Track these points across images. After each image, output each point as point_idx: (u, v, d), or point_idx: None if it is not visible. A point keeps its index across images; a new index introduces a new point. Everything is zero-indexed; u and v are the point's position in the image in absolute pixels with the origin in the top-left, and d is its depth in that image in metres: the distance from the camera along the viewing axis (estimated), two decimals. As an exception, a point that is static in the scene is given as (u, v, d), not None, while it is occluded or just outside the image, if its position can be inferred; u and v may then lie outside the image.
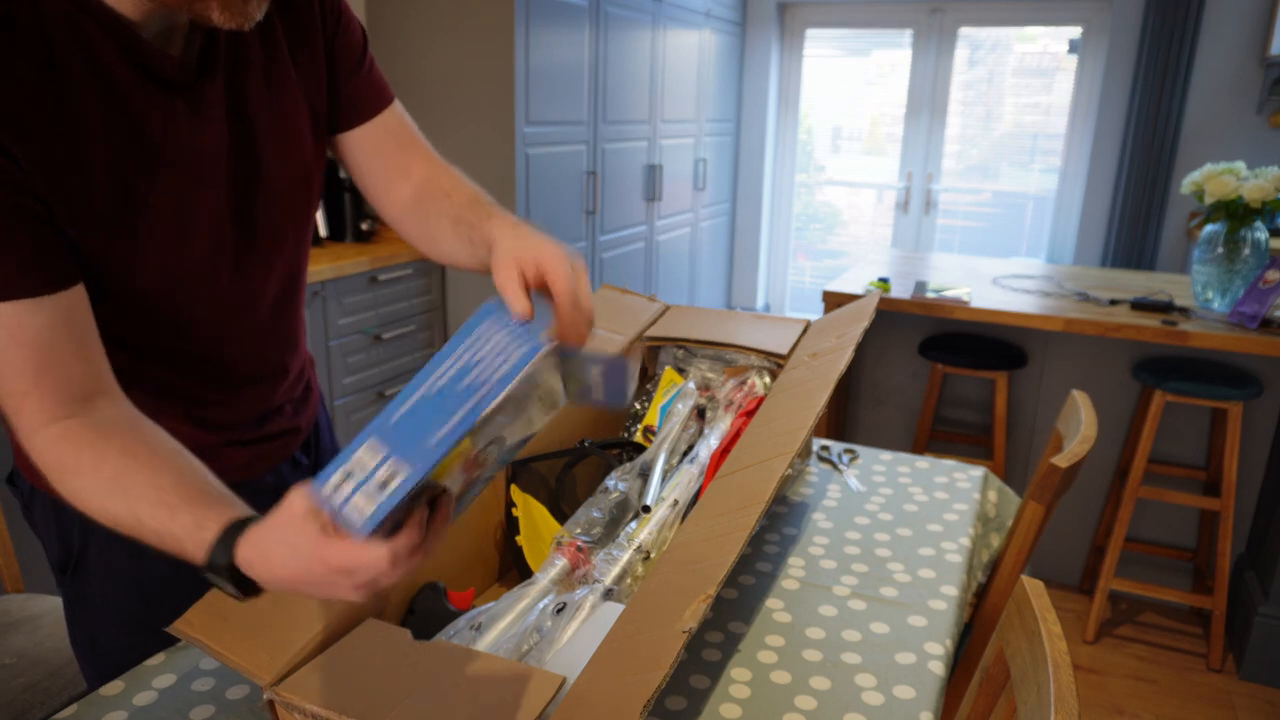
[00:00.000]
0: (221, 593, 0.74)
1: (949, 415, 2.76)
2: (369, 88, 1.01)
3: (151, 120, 0.80)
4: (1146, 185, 3.88)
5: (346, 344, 2.62)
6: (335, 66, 0.97)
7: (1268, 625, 2.27)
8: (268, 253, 0.95)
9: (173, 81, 0.81)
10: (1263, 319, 2.15)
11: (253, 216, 0.91)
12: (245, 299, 0.95)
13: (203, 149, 0.85)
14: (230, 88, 0.87)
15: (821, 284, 3.29)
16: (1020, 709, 0.78)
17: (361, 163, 1.02)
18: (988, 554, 1.35)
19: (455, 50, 2.87)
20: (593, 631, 0.82)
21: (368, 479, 0.58)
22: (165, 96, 0.81)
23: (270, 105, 0.90)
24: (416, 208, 1.00)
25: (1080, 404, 1.36)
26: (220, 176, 0.87)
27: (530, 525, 1.05)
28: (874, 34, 4.62)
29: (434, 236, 0.97)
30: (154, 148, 0.81)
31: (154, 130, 0.81)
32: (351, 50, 0.98)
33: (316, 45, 0.95)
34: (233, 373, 0.99)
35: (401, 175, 1.02)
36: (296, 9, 0.92)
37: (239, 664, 0.77)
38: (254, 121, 0.89)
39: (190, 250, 0.86)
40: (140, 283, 0.84)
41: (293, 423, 1.09)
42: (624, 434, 1.28)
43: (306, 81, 0.94)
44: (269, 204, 0.93)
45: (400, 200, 1.02)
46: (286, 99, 0.92)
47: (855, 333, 1.18)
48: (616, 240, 3.63)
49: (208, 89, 0.84)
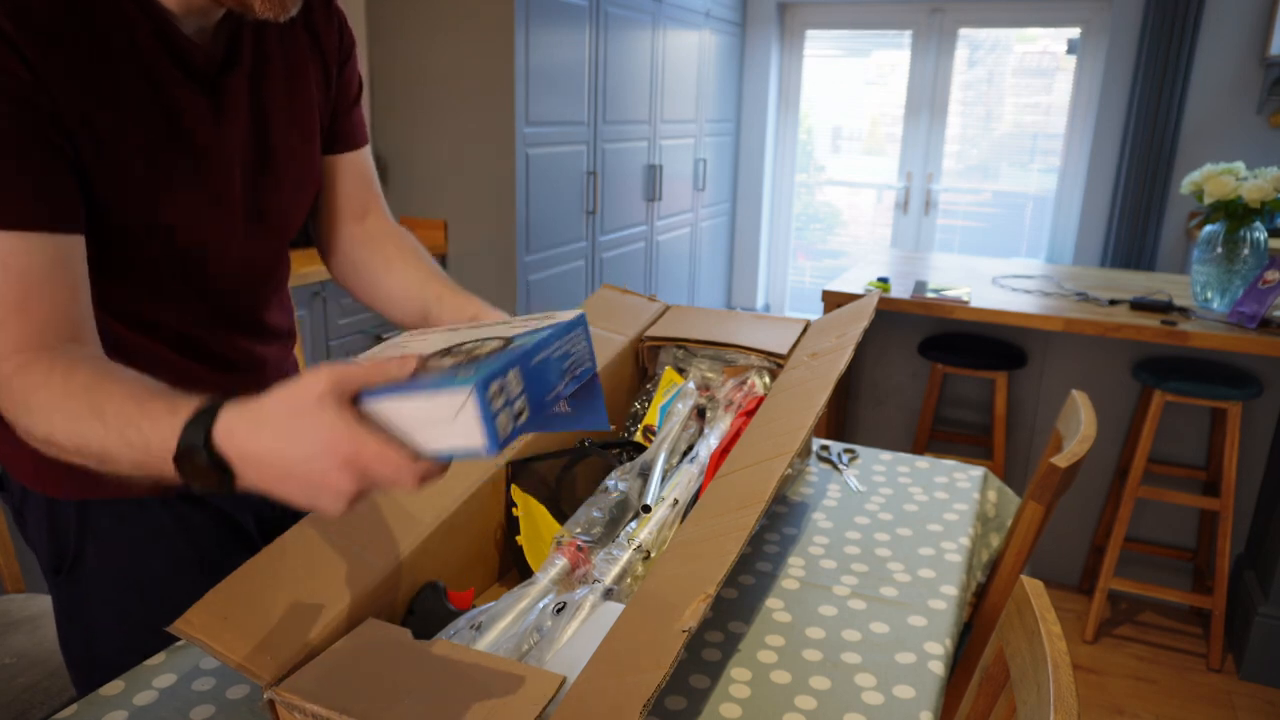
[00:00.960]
0: (220, 593, 0.74)
1: (949, 415, 2.76)
2: (357, 122, 1.08)
3: (182, 107, 0.84)
4: (1146, 185, 3.88)
5: (346, 344, 2.62)
6: (339, 92, 1.04)
7: (1268, 625, 2.27)
8: (274, 226, 0.99)
9: (201, 73, 0.86)
10: (1262, 319, 2.16)
11: (262, 199, 0.96)
12: (252, 258, 0.99)
13: (225, 139, 0.89)
14: (253, 84, 0.92)
15: (821, 284, 3.29)
16: (1020, 709, 0.78)
17: (324, 188, 1.07)
18: (987, 554, 1.35)
19: (455, 50, 2.87)
20: (593, 631, 0.82)
21: (511, 403, 0.57)
22: (194, 87, 0.85)
23: (288, 106, 0.96)
24: (364, 245, 1.06)
25: (1080, 404, 1.36)
26: (236, 164, 0.91)
27: (530, 525, 1.05)
28: (874, 34, 4.62)
29: (381, 272, 1.03)
30: (183, 133, 0.85)
31: (185, 118, 0.85)
32: (353, 83, 1.06)
33: (331, 64, 1.01)
34: (232, 331, 1.01)
35: (356, 215, 1.08)
36: (318, 25, 0.99)
37: (239, 664, 0.77)
38: (271, 118, 0.94)
39: (206, 213, 0.90)
40: (158, 229, 0.86)
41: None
42: (624, 434, 1.28)
43: (319, 92, 1.00)
44: (276, 192, 0.98)
45: (348, 235, 1.08)
46: (301, 102, 0.98)
47: (855, 333, 1.18)
48: (616, 240, 3.63)
49: (232, 84, 0.89)
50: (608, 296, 1.43)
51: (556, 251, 3.23)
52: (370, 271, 1.05)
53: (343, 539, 0.91)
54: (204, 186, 0.88)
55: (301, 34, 0.97)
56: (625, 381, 1.34)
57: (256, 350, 1.05)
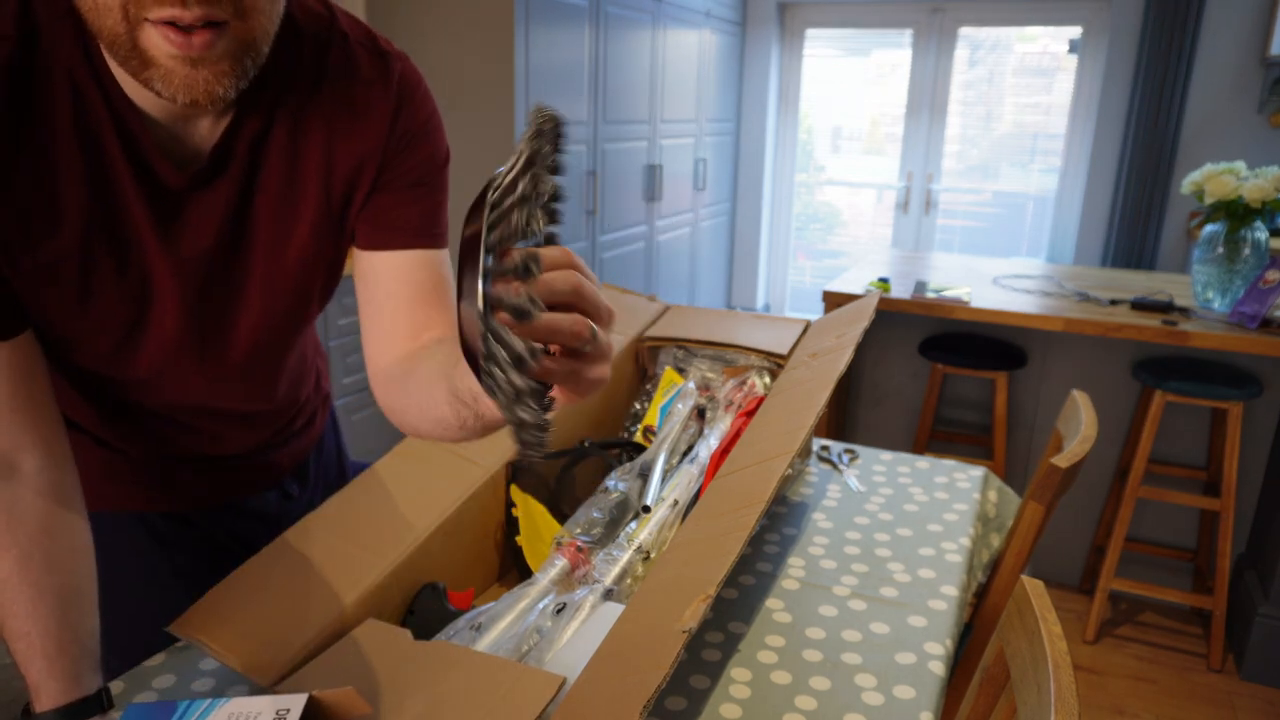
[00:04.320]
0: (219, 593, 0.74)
1: (949, 415, 2.76)
2: (414, 216, 0.84)
3: (134, 220, 0.74)
4: (1146, 185, 3.88)
5: (346, 344, 2.62)
6: (382, 176, 0.83)
7: (1268, 625, 2.27)
8: (238, 350, 0.86)
9: (166, 189, 0.74)
10: (1263, 319, 2.15)
11: (222, 317, 0.83)
12: (209, 380, 0.87)
13: (175, 254, 0.77)
14: (240, 197, 0.77)
15: (821, 284, 3.29)
16: (1020, 709, 0.78)
17: (368, 294, 0.85)
18: (988, 554, 1.35)
19: (455, 50, 2.87)
20: (593, 631, 0.82)
21: None
22: (152, 204, 0.74)
23: (280, 216, 0.80)
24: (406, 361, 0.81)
25: (1080, 404, 1.36)
26: (188, 280, 0.78)
27: (530, 525, 1.05)
28: (874, 34, 4.61)
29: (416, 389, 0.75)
30: (127, 245, 0.74)
31: (133, 229, 0.74)
32: (412, 169, 0.84)
33: (368, 156, 0.81)
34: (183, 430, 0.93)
35: (410, 332, 0.83)
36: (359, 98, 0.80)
37: (239, 664, 0.77)
38: (253, 232, 0.79)
39: (145, 343, 0.80)
40: (77, 352, 0.79)
41: (268, 459, 1.04)
42: (624, 434, 1.28)
43: (330, 178, 0.81)
44: (245, 307, 0.83)
45: (394, 353, 0.83)
46: (303, 201, 0.80)
47: (855, 333, 1.18)
48: (616, 240, 3.63)
49: (206, 200, 0.76)
50: (607, 296, 1.43)
51: (557, 251, 3.23)
52: (399, 402, 0.80)
53: (342, 539, 0.91)
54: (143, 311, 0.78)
55: (319, 132, 0.78)
56: (625, 381, 1.34)
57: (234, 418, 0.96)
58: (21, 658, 0.71)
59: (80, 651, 0.72)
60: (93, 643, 0.74)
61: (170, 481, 0.98)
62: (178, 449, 0.96)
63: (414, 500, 0.97)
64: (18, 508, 0.72)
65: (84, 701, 0.71)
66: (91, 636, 0.74)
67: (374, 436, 2.69)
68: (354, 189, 0.82)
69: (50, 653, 0.70)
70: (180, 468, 0.98)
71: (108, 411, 0.90)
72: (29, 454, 0.73)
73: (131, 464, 0.94)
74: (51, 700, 0.70)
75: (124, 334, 0.79)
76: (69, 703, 0.70)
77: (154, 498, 0.98)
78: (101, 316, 0.77)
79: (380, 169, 0.82)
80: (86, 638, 0.73)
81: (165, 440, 0.94)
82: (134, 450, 0.94)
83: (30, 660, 0.70)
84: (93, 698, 0.71)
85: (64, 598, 0.72)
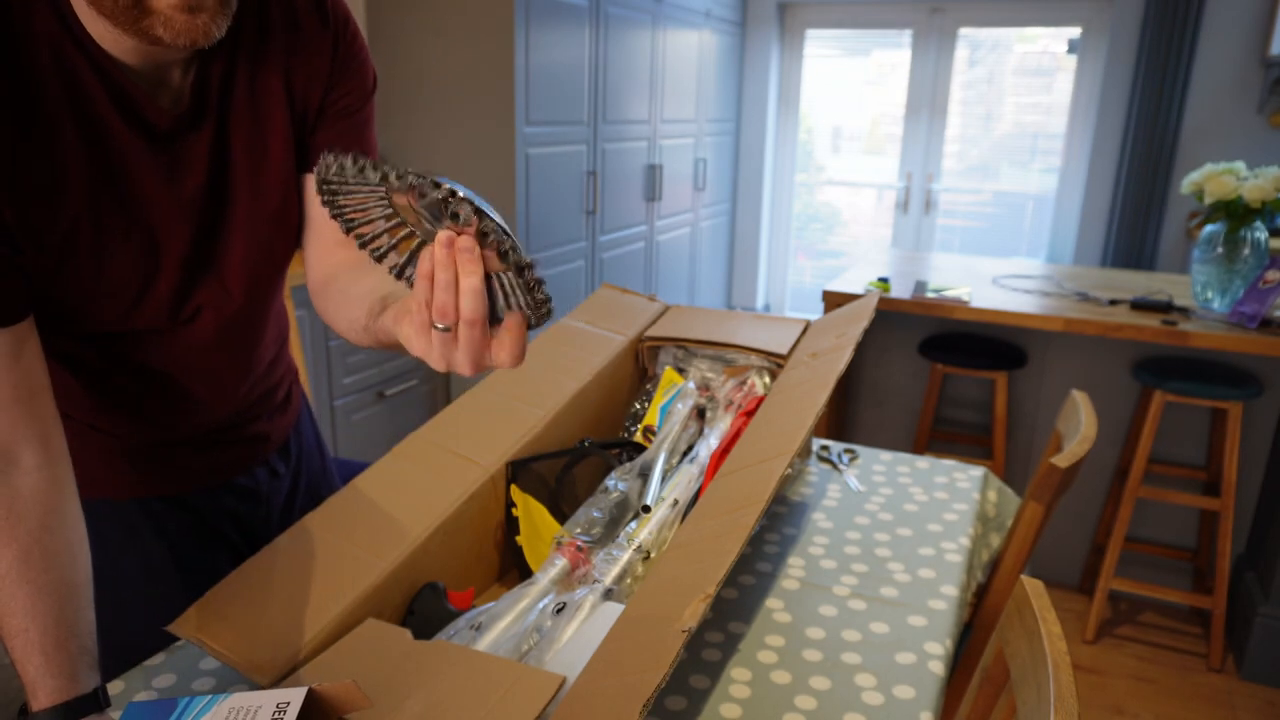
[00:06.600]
0: (219, 593, 0.74)
1: (949, 415, 2.76)
2: (347, 138, 0.93)
3: (133, 172, 0.78)
4: (1146, 185, 3.88)
5: (346, 344, 2.62)
6: (326, 106, 0.91)
7: (1268, 625, 2.27)
8: (228, 289, 0.91)
9: (160, 133, 0.79)
10: (1262, 319, 2.15)
11: (216, 256, 0.88)
12: (196, 334, 0.91)
13: (177, 198, 0.82)
14: (217, 135, 0.83)
15: (821, 284, 3.29)
16: (1020, 709, 0.78)
17: (313, 214, 0.94)
18: (988, 554, 1.35)
19: (455, 50, 2.87)
20: (593, 631, 0.82)
21: None
22: (151, 149, 0.79)
23: (251, 148, 0.86)
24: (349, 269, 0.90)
25: (1080, 404, 1.36)
26: (188, 222, 0.84)
27: (530, 525, 1.05)
28: (874, 34, 4.61)
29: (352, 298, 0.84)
30: (131, 199, 0.79)
31: (135, 182, 0.79)
32: (348, 93, 0.92)
33: (316, 83, 0.89)
34: (179, 399, 0.95)
35: (338, 241, 0.91)
36: (304, 34, 0.87)
37: (239, 664, 0.77)
38: (232, 167, 0.86)
39: (150, 291, 0.84)
40: (90, 320, 0.82)
41: (256, 432, 1.06)
42: (624, 434, 1.28)
43: (293, 110, 0.89)
44: (235, 243, 0.89)
45: (326, 265, 0.92)
46: (270, 133, 0.87)
47: (855, 333, 1.18)
48: (616, 240, 3.63)
49: (194, 140, 0.82)
50: (607, 296, 1.43)
51: (556, 251, 3.22)
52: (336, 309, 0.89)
53: (342, 539, 0.91)
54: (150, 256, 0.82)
55: (275, 70, 0.86)
56: (625, 381, 1.34)
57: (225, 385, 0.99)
58: (18, 655, 0.71)
59: (78, 648, 0.72)
60: (90, 640, 0.73)
61: (164, 463, 0.98)
62: (172, 428, 0.97)
63: (414, 500, 0.97)
64: (17, 504, 0.73)
65: (81, 699, 0.70)
66: (89, 633, 0.74)
67: (374, 436, 2.69)
68: (307, 113, 0.91)
69: (48, 649, 0.70)
70: (174, 450, 0.99)
71: (101, 392, 0.91)
72: (28, 448, 0.74)
73: (125, 448, 0.95)
74: (49, 698, 0.70)
75: (137, 290, 0.82)
76: (66, 700, 0.70)
77: (148, 481, 0.98)
78: (116, 275, 0.80)
79: (324, 95, 0.91)
80: (84, 634, 0.73)
81: (157, 419, 0.95)
82: (127, 432, 0.94)
83: (27, 657, 0.70)
84: (89, 695, 0.71)
85: (62, 594, 0.72)
